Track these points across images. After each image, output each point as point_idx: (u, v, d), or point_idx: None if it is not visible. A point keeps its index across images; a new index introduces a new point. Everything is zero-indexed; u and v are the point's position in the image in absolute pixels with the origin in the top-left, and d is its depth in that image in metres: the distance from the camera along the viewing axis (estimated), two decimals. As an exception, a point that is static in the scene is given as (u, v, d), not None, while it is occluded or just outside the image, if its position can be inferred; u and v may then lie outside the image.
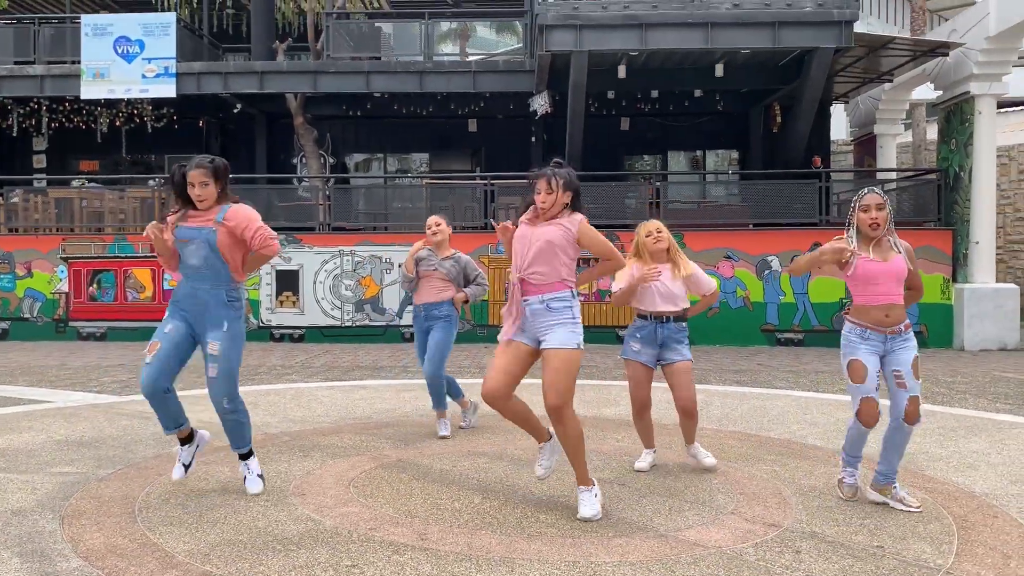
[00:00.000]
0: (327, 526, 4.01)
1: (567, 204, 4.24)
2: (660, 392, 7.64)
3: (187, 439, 4.66)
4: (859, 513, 4.33)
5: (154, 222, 4.50)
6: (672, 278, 5.07)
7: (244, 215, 4.42)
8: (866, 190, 4.45)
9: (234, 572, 3.41)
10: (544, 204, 4.19)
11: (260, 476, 4.66)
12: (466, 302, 6.29)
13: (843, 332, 4.48)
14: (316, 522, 4.08)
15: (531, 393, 4.74)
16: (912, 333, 4.45)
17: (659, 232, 5.10)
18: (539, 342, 4.18)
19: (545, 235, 4.17)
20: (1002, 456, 5.72)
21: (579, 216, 4.23)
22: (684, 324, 5.14)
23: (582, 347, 4.15)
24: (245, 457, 4.68)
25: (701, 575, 3.45)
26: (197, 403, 7.52)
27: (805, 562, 3.62)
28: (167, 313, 4.52)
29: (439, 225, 6.28)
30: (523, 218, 4.34)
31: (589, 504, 4.17)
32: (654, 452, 5.29)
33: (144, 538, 3.81)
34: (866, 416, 4.35)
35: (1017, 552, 3.78)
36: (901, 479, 4.94)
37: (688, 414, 5.08)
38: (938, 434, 6.42)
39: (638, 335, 5.09)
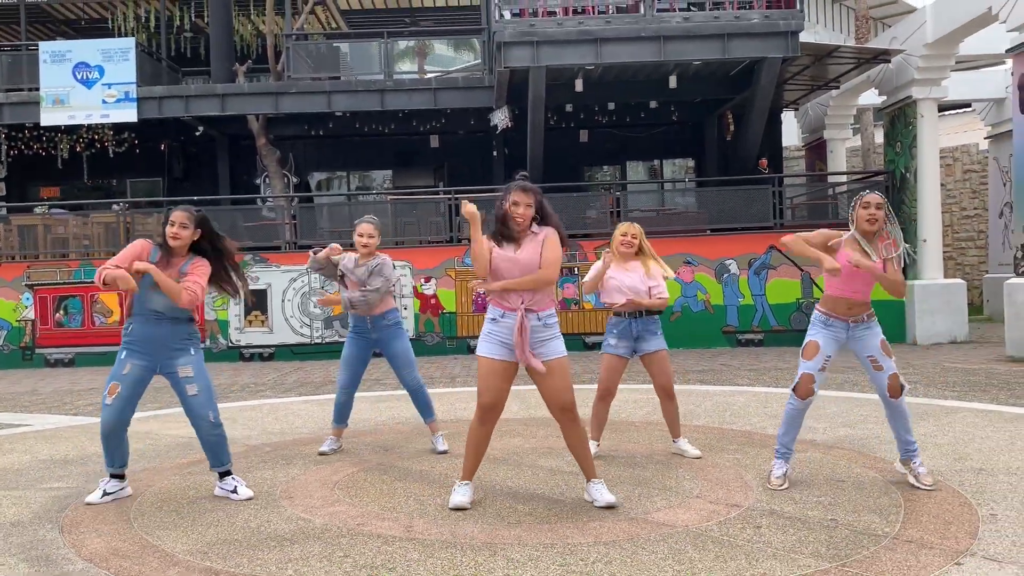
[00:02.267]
0: (317, 524, 4.23)
1: (536, 217, 4.36)
2: (630, 392, 7.97)
3: (121, 477, 4.84)
4: (815, 493, 4.65)
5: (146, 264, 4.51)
6: (641, 277, 5.55)
7: (199, 265, 4.68)
8: (867, 191, 4.78)
9: (233, 567, 3.62)
10: (523, 217, 4.27)
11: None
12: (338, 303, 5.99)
13: (811, 318, 4.87)
14: (306, 521, 4.30)
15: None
16: (876, 321, 4.80)
17: (633, 237, 5.63)
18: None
19: (532, 262, 4.28)
20: (947, 437, 6.10)
21: (549, 229, 4.35)
22: (656, 317, 5.62)
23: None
24: (227, 474, 4.87)
25: (669, 550, 3.73)
26: (173, 419, 7.70)
27: (765, 535, 3.91)
28: (122, 354, 4.65)
29: (372, 237, 5.96)
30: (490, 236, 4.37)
31: (607, 491, 4.42)
32: (598, 444, 5.68)
33: (143, 541, 4.01)
34: (803, 390, 4.72)
35: (956, 518, 4.12)
36: (856, 460, 5.36)
37: (668, 394, 5.62)
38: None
39: (614, 331, 5.55)
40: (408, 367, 6.01)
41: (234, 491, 4.81)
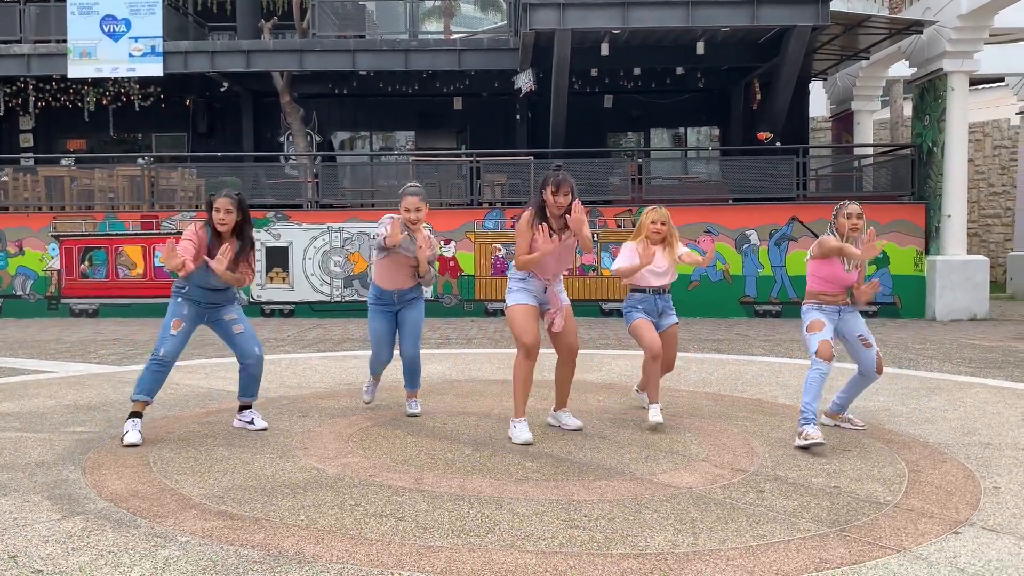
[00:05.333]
0: (330, 474, 4.35)
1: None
2: (625, 359, 8.00)
3: (141, 414, 5.17)
4: (820, 460, 4.70)
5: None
6: (662, 256, 5.75)
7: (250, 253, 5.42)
8: (846, 202, 5.22)
9: (247, 512, 3.74)
10: (561, 207, 4.98)
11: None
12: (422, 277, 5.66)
13: (802, 310, 5.35)
14: (319, 471, 4.41)
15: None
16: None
17: (663, 224, 5.79)
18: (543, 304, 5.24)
19: (571, 242, 5.16)
20: (958, 412, 6.12)
21: (575, 203, 5.00)
22: (670, 294, 5.89)
23: None
24: (249, 407, 5.51)
25: (672, 510, 3.80)
26: (193, 370, 7.87)
27: (767, 500, 3.98)
28: (177, 299, 5.27)
29: (419, 211, 5.46)
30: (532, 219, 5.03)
31: (573, 418, 5.44)
32: (660, 407, 5.53)
33: (161, 484, 4.14)
34: (824, 351, 5.04)
35: (959, 490, 4.16)
36: (864, 431, 5.44)
37: (669, 368, 5.93)
38: (901, 393, 6.82)
39: (640, 306, 5.74)
40: (414, 337, 5.76)
41: (251, 422, 5.42)
